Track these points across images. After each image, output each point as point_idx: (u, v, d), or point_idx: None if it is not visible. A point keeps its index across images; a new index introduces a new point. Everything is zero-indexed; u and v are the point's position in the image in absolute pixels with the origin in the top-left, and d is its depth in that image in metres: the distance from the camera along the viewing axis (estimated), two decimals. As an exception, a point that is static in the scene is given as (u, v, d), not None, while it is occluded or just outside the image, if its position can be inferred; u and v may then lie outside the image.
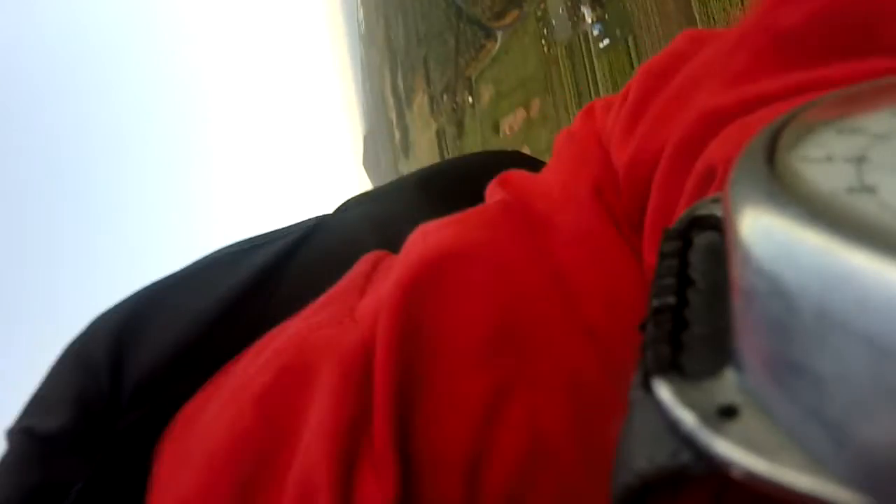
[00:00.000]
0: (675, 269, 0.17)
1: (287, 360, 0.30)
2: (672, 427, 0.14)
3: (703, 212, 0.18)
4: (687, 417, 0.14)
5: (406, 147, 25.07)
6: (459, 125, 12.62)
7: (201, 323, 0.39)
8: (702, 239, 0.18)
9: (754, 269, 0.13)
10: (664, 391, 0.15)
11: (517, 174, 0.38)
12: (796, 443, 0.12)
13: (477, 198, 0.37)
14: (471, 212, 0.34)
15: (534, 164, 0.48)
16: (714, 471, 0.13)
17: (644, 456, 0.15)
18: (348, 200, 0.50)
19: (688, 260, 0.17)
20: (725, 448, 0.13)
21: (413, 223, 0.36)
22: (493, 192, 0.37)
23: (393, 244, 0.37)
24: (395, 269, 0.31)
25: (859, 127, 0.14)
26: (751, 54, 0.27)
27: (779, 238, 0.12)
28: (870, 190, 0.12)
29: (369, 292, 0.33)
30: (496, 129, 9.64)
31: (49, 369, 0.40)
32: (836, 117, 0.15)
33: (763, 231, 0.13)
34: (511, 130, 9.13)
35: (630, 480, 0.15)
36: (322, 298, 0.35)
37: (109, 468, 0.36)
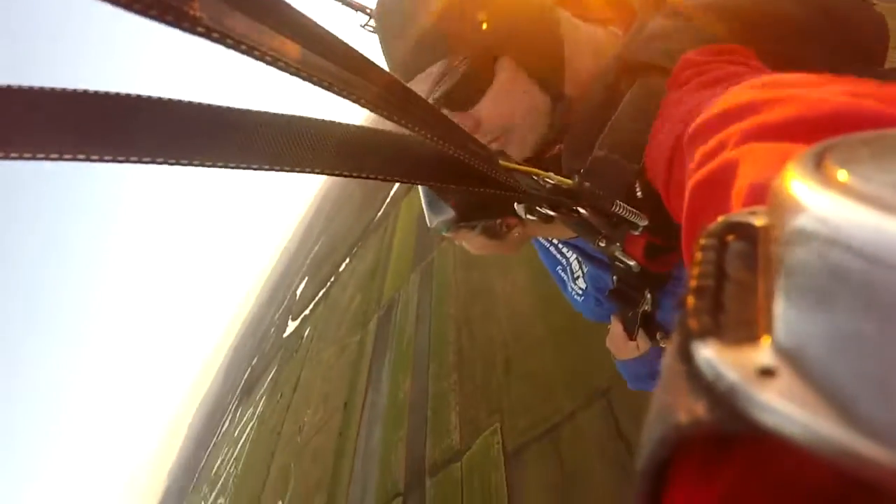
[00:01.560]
0: (713, 259, 0.20)
1: None
2: (712, 384, 0.16)
3: (739, 219, 0.21)
4: (730, 373, 0.16)
5: None
6: None
7: None
8: (736, 245, 0.20)
9: (796, 239, 0.16)
10: (707, 351, 0.17)
11: None
12: (833, 400, 0.14)
13: None
14: None
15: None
16: (747, 426, 0.15)
17: (682, 409, 0.17)
18: None
19: (723, 258, 0.20)
20: (767, 398, 0.15)
21: None
22: None
23: None
24: None
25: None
26: None
27: (824, 216, 0.15)
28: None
29: None
30: None
31: None
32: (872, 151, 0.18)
33: (812, 210, 0.16)
34: None
35: (667, 433, 0.18)
36: None
37: None
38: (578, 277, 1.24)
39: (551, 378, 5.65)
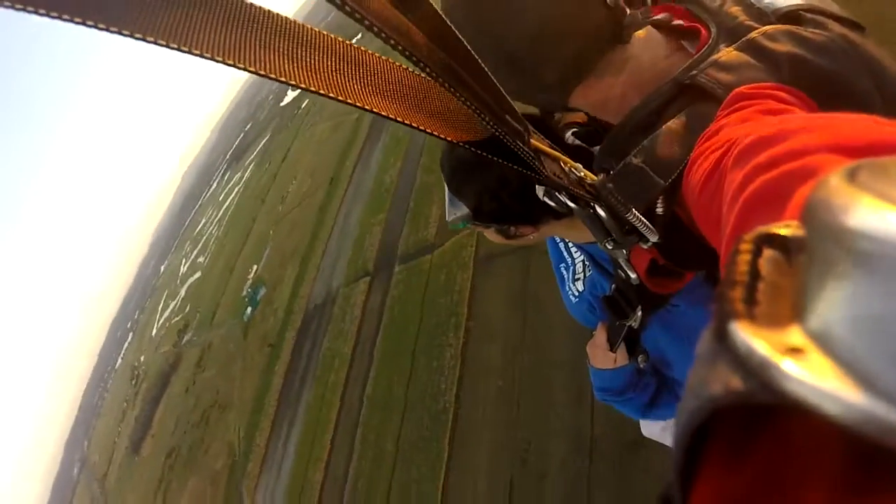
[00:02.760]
0: (749, 261, 0.22)
1: None
2: (745, 360, 0.18)
3: (773, 230, 0.24)
4: (761, 348, 0.18)
5: None
6: None
7: None
8: (770, 253, 0.23)
9: (830, 239, 0.18)
10: (741, 331, 0.19)
11: None
12: (856, 373, 0.16)
13: None
14: None
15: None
16: (777, 396, 0.17)
17: (717, 382, 0.19)
18: None
19: (758, 262, 0.22)
20: (796, 370, 0.17)
21: None
22: None
23: None
24: None
25: None
26: None
27: (851, 213, 0.18)
28: None
29: None
30: None
31: None
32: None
33: (841, 209, 0.18)
34: None
35: (702, 404, 0.20)
36: None
37: None
38: (578, 280, 1.31)
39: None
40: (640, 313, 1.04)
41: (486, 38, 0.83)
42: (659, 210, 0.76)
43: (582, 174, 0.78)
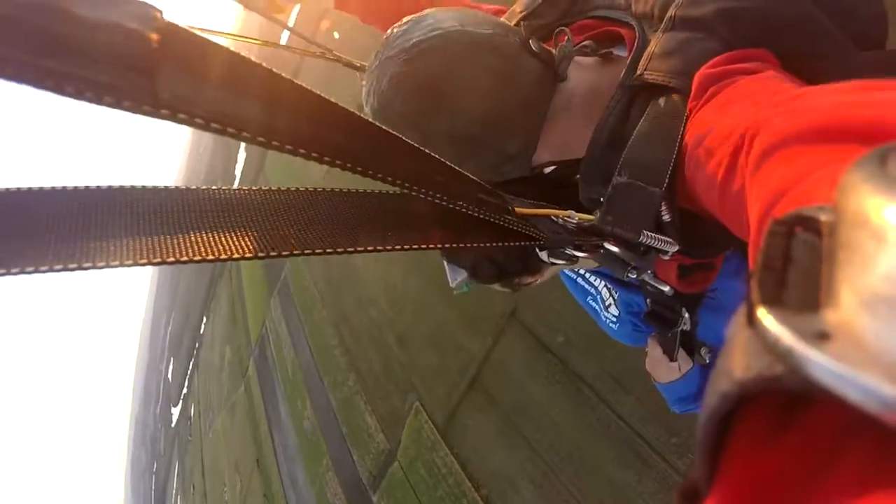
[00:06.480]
0: (781, 244, 0.22)
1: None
2: (772, 344, 0.18)
3: (807, 213, 0.23)
4: (788, 334, 0.18)
5: None
6: None
7: None
8: (803, 236, 0.22)
9: (860, 223, 0.18)
10: (768, 315, 0.19)
11: None
12: (883, 361, 0.16)
13: None
14: None
15: None
16: (802, 382, 0.17)
17: (743, 366, 0.19)
18: None
19: (790, 245, 0.22)
20: (820, 357, 0.17)
21: None
22: None
23: None
24: None
25: None
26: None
27: (877, 202, 0.18)
28: None
29: None
30: None
31: None
32: None
33: (867, 196, 0.18)
34: None
35: (728, 388, 0.20)
36: None
37: None
38: (610, 305, 1.26)
39: (450, 331, 5.20)
40: (686, 315, 1.02)
41: (435, 131, 0.79)
42: (666, 217, 0.71)
43: (577, 220, 0.74)
